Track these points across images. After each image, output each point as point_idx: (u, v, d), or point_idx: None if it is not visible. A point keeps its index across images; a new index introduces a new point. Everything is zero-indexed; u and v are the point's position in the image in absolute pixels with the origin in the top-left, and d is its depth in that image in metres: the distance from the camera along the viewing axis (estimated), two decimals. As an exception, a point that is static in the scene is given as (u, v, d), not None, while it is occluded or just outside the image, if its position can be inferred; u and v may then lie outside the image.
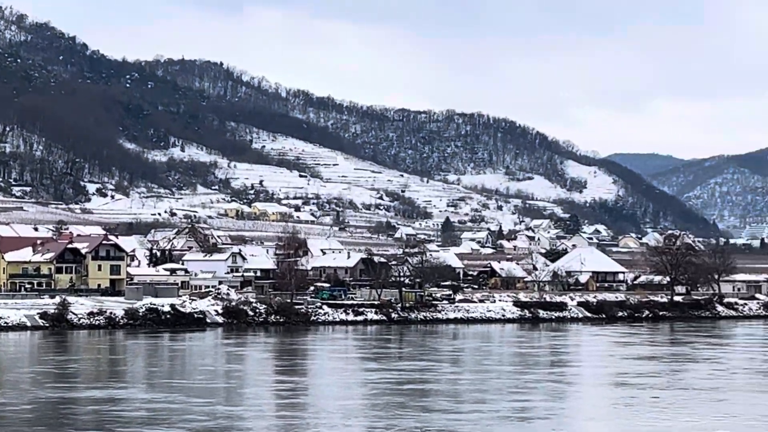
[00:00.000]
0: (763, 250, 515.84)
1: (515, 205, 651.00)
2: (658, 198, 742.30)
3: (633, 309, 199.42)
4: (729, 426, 61.04)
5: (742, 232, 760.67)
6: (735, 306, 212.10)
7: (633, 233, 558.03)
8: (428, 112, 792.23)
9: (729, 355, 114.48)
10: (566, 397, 75.24)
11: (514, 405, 69.62)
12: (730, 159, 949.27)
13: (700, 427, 61.05)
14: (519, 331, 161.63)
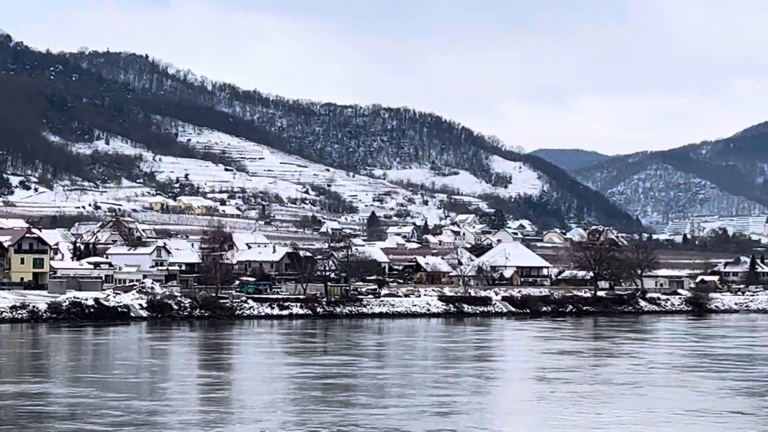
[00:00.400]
0: (685, 245, 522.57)
1: (441, 200, 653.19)
2: (583, 193, 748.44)
3: (557, 304, 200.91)
4: (645, 421, 61.29)
5: (664, 228, 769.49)
6: (657, 301, 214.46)
7: (557, 228, 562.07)
8: (355, 106, 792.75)
9: (649, 350, 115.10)
10: (485, 392, 75.23)
11: (433, 400, 69.32)
12: (653, 155, 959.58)
13: (616, 422, 61.23)
14: (443, 325, 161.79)
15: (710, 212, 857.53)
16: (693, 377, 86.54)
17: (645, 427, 59.96)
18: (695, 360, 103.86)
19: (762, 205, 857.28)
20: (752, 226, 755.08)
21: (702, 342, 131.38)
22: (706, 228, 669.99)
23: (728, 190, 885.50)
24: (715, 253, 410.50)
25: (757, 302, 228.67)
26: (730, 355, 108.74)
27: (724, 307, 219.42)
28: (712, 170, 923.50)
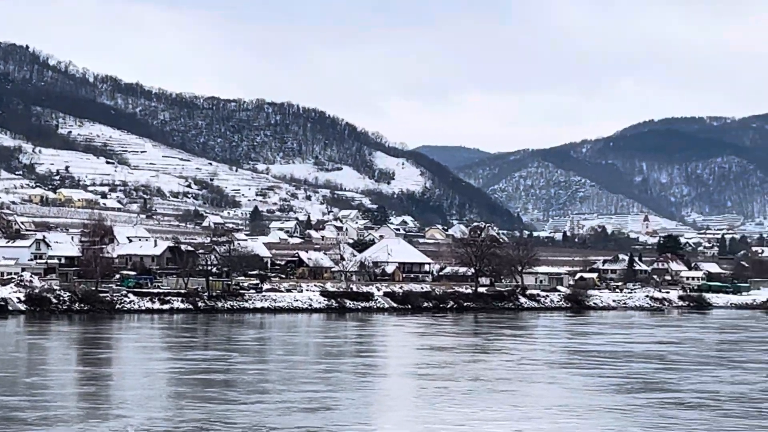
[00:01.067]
0: (565, 243, 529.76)
1: (324, 196, 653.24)
2: (465, 190, 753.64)
3: (438, 300, 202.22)
4: (514, 417, 61.75)
5: (545, 225, 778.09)
6: (537, 298, 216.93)
7: (439, 225, 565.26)
8: (238, 100, 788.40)
9: (523, 347, 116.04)
10: (356, 388, 74.76)
11: (302, 395, 69.13)
12: (534, 153, 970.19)
13: (485, 418, 61.42)
14: (324, 321, 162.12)
15: (590, 210, 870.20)
16: (563, 374, 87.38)
17: (513, 423, 60.37)
18: (567, 356, 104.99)
19: (640, 203, 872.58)
20: (631, 224, 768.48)
21: (575, 339, 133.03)
22: (585, 226, 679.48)
23: (608, 188, 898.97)
24: (594, 251, 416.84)
25: (634, 300, 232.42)
26: (601, 351, 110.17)
27: (603, 304, 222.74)
28: (592, 168, 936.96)
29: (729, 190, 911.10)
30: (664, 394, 73.70)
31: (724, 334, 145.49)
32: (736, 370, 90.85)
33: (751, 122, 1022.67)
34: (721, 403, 68.89)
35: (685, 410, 65.54)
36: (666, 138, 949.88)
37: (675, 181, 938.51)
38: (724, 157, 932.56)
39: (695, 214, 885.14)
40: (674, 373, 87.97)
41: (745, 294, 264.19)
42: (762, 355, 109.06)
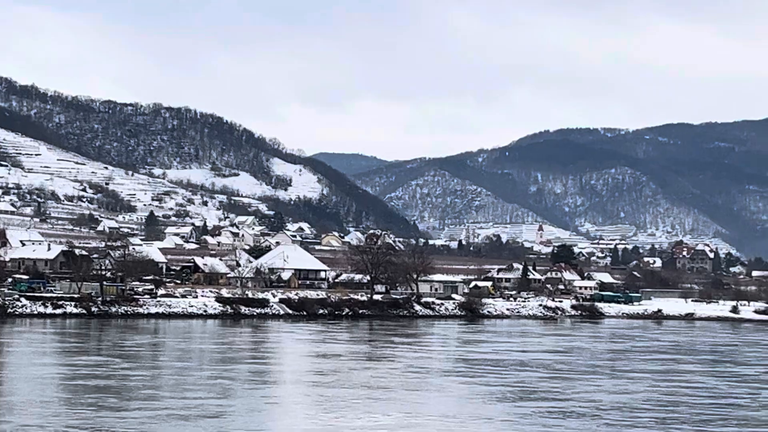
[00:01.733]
0: (460, 251, 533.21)
1: (221, 201, 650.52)
2: (362, 198, 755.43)
3: (334, 307, 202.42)
4: (393, 425, 61.30)
5: (441, 233, 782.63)
6: (432, 306, 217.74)
7: (336, 232, 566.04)
8: (135, 104, 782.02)
9: (413, 354, 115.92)
10: (237, 395, 73.95)
11: (183, 402, 68.27)
12: (431, 161, 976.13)
13: (364, 426, 61.01)
14: (219, 327, 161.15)
15: (485, 219, 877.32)
16: (449, 382, 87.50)
17: (395, 431, 60.34)
18: (455, 365, 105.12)
19: (535, 213, 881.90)
20: (525, 233, 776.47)
21: (465, 347, 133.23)
22: (481, 234, 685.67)
23: (503, 197, 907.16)
24: (489, 260, 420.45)
25: (528, 308, 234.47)
26: (490, 360, 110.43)
27: (497, 312, 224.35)
28: (488, 178, 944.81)
29: (622, 201, 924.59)
30: (548, 403, 74.02)
31: (611, 344, 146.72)
32: (620, 380, 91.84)
33: (645, 134, 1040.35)
34: (602, 412, 69.43)
35: (568, 419, 65.93)
36: (561, 148, 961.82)
37: (569, 191, 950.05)
38: (617, 168, 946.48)
39: (589, 225, 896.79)
40: (559, 382, 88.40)
41: (637, 304, 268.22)
42: (646, 364, 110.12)
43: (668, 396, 79.19)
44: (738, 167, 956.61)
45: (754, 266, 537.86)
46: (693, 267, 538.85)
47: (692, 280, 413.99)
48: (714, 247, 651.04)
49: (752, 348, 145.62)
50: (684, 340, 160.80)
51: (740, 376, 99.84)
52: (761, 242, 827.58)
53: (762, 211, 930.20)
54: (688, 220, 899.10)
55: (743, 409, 72.92)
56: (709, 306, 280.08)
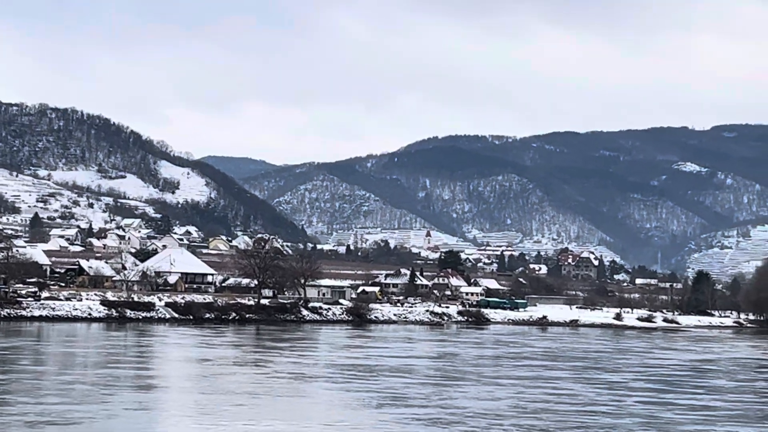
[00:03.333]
0: (348, 256, 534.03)
1: (107, 204, 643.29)
2: (250, 202, 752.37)
3: (220, 311, 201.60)
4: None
5: (329, 238, 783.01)
6: (320, 311, 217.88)
7: (224, 236, 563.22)
8: (20, 105, 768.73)
9: (289, 360, 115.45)
10: (92, 400, 72.20)
11: (38, 408, 66.81)
12: (320, 166, 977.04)
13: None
14: (103, 330, 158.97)
15: (374, 224, 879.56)
16: (314, 387, 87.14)
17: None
18: (326, 370, 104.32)
19: (423, 218, 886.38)
20: (413, 239, 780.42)
21: (341, 352, 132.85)
22: (369, 240, 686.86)
23: (391, 203, 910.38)
24: (377, 265, 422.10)
25: (415, 314, 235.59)
26: (362, 365, 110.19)
27: (384, 317, 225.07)
28: (376, 183, 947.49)
29: (509, 208, 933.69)
30: (414, 409, 73.65)
31: (485, 350, 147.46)
32: (488, 386, 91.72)
33: (532, 142, 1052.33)
34: (467, 419, 69.17)
35: (432, 426, 65.70)
36: (449, 155, 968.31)
37: (457, 197, 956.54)
38: (504, 175, 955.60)
39: (476, 231, 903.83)
40: (428, 388, 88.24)
41: (523, 310, 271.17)
42: (516, 371, 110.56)
43: (533, 403, 79.22)
44: (623, 176, 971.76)
45: (637, 274, 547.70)
46: (578, 274, 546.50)
47: (577, 287, 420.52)
48: (599, 254, 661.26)
49: (624, 355, 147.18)
50: (558, 347, 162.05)
51: (608, 383, 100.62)
52: (645, 250, 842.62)
53: (646, 219, 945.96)
54: (574, 228, 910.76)
55: (607, 416, 73.35)
56: (593, 313, 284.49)
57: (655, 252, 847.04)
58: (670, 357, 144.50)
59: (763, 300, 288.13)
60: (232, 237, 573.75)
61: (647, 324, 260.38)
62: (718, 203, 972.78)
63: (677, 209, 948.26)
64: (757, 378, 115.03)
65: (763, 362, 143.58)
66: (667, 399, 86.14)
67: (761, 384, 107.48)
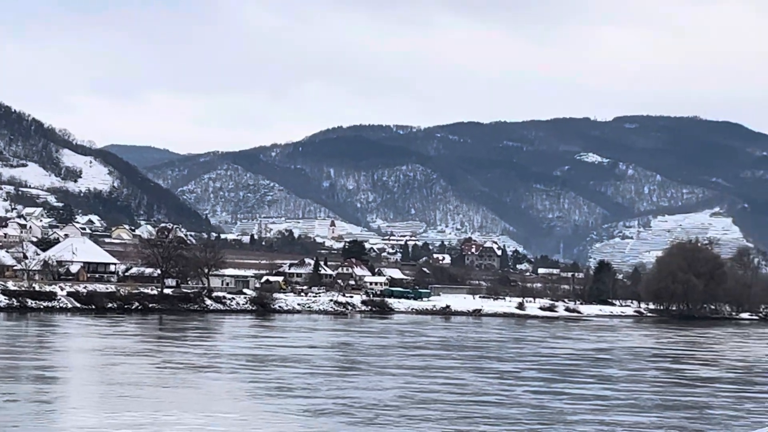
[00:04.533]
0: (253, 246, 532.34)
1: (8, 192, 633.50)
2: (153, 191, 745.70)
3: (123, 300, 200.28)
4: (127, 424, 59.62)
5: (233, 228, 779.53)
6: (223, 300, 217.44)
7: (127, 225, 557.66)
8: None
9: (182, 350, 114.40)
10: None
11: None
12: (224, 155, 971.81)
13: (92, 426, 58.77)
14: (3, 320, 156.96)
15: (278, 214, 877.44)
16: (201, 378, 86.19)
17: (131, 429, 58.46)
18: (215, 360, 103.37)
19: (327, 208, 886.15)
20: (317, 228, 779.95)
21: (235, 342, 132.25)
22: (273, 229, 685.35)
23: (296, 192, 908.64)
24: (281, 255, 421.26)
25: (319, 303, 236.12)
26: (253, 355, 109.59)
27: (288, 307, 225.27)
28: (281, 173, 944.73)
29: (413, 198, 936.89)
30: (301, 400, 73.01)
31: (381, 339, 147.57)
32: (378, 376, 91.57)
33: (436, 132, 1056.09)
34: (354, 410, 68.70)
35: (318, 417, 65.18)
36: (354, 145, 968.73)
37: (361, 187, 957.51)
38: (409, 165, 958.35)
39: (380, 221, 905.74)
40: (317, 378, 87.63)
41: (426, 300, 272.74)
42: (408, 360, 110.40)
43: (421, 393, 78.81)
44: (526, 166, 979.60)
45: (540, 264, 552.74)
46: (481, 264, 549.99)
47: (480, 277, 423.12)
48: (502, 244, 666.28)
49: (519, 344, 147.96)
50: (454, 336, 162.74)
51: (499, 372, 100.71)
52: (547, 240, 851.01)
53: (548, 209, 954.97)
54: (477, 218, 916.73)
55: (495, 406, 73.15)
56: (496, 302, 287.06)
57: (558, 242, 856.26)
58: (564, 346, 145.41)
59: (663, 290, 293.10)
60: (135, 226, 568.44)
61: (549, 313, 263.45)
62: (620, 194, 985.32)
63: (579, 199, 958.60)
64: (648, 367, 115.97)
65: (655, 351, 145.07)
66: (557, 388, 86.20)
67: (652, 373, 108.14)
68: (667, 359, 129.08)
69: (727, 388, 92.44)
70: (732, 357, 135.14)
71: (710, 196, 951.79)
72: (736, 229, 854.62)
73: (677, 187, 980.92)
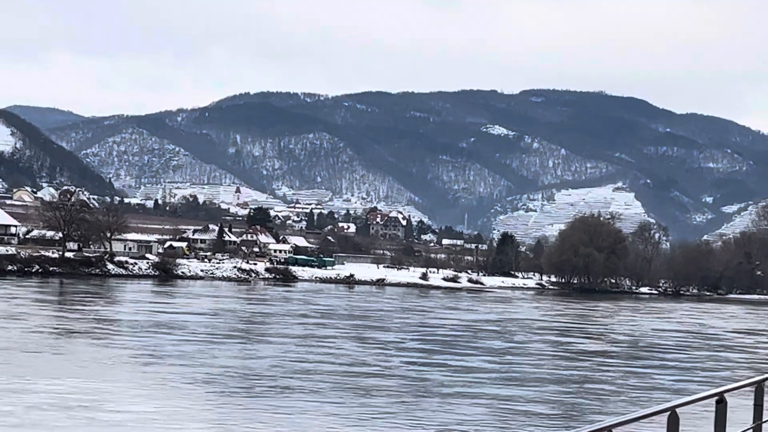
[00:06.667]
0: (156, 210, 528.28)
1: None
2: (56, 153, 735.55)
3: (23, 263, 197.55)
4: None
5: (137, 192, 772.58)
6: (126, 265, 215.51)
7: (28, 187, 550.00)
8: None
9: (59, 314, 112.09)
10: None
11: None
12: (129, 119, 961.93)
13: None
14: None
15: (183, 179, 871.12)
16: (73, 343, 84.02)
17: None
18: (92, 325, 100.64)
19: (232, 174, 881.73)
20: (223, 194, 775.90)
21: (119, 306, 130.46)
22: (178, 195, 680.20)
23: (201, 158, 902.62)
24: (185, 220, 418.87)
25: (222, 270, 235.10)
26: (135, 321, 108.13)
27: (191, 273, 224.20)
28: (186, 138, 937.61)
29: (319, 166, 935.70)
30: (168, 367, 71.18)
31: (265, 307, 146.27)
32: (257, 345, 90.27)
33: (344, 101, 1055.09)
34: (228, 378, 67.35)
35: (183, 385, 63.34)
36: (261, 111, 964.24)
37: (268, 154, 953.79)
38: (316, 133, 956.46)
39: (286, 188, 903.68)
40: (195, 345, 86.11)
41: (330, 268, 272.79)
42: (290, 329, 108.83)
43: (298, 363, 77.25)
44: (432, 137, 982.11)
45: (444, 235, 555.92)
46: (386, 234, 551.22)
47: (385, 247, 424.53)
48: (407, 214, 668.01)
49: (407, 314, 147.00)
50: (343, 305, 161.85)
51: (382, 342, 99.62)
52: (452, 211, 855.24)
53: (454, 180, 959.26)
54: (383, 188, 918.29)
55: (371, 377, 71.88)
56: (400, 272, 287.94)
57: (462, 213, 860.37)
58: (453, 317, 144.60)
59: (565, 263, 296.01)
60: (37, 188, 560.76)
61: (452, 284, 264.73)
62: (525, 167, 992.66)
63: (485, 171, 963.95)
64: (534, 339, 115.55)
65: (544, 324, 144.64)
66: (437, 360, 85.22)
67: (537, 346, 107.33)
68: (554, 332, 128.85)
69: (611, 362, 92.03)
70: (619, 331, 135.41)
71: (613, 171, 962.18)
72: (638, 204, 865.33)
73: (581, 162, 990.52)
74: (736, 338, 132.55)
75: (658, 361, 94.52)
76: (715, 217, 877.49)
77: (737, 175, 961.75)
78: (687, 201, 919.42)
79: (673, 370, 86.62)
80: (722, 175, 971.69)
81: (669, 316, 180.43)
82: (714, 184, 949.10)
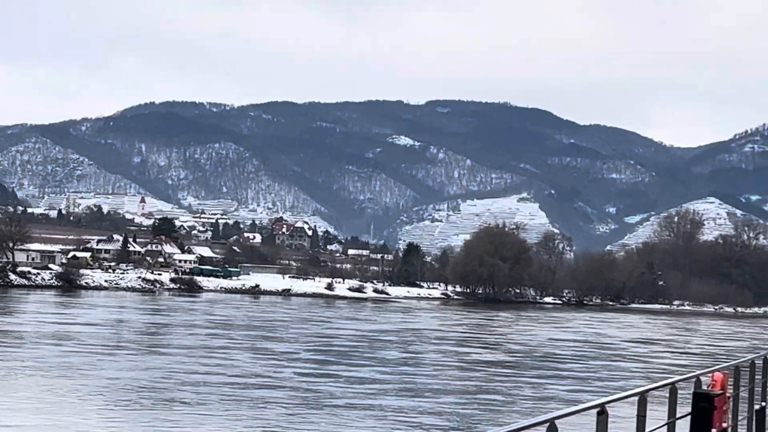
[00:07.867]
0: (60, 220, 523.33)
1: None
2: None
3: None
4: None
5: (40, 202, 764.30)
6: (28, 275, 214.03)
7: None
8: None
9: None
10: None
11: None
12: (32, 128, 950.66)
13: None
14: None
15: (87, 189, 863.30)
16: None
17: None
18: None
19: (138, 184, 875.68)
20: (127, 204, 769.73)
21: (11, 318, 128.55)
22: (82, 204, 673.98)
23: (106, 168, 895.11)
24: (89, 230, 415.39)
25: (126, 280, 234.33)
26: (21, 332, 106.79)
27: (95, 283, 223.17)
28: (91, 147, 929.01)
29: (225, 176, 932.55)
30: (53, 380, 69.70)
31: (161, 317, 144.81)
32: (146, 356, 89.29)
33: (250, 111, 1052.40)
34: (112, 393, 65.81)
35: (65, 397, 62.12)
36: (166, 121, 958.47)
37: (173, 164, 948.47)
38: (222, 143, 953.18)
39: (191, 198, 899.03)
40: (79, 357, 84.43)
41: (236, 278, 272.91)
42: (183, 339, 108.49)
43: (187, 374, 76.31)
44: (339, 147, 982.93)
45: (350, 245, 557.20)
46: (292, 244, 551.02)
47: (291, 257, 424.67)
48: (313, 224, 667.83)
49: (304, 324, 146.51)
50: (239, 315, 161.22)
51: (275, 353, 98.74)
52: (358, 221, 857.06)
53: (360, 191, 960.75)
54: (289, 198, 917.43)
55: (261, 388, 71.16)
56: (305, 282, 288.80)
57: (368, 223, 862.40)
58: (350, 327, 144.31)
59: (470, 273, 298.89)
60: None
61: (358, 294, 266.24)
62: (430, 177, 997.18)
63: (390, 182, 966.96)
64: (429, 350, 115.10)
65: (441, 334, 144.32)
66: (331, 371, 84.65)
67: (432, 356, 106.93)
68: (450, 342, 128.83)
69: (506, 372, 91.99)
70: (516, 341, 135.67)
71: (518, 181, 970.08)
72: (543, 214, 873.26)
73: (486, 172, 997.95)
74: (631, 347, 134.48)
75: (552, 371, 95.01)
76: (618, 228, 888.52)
77: (640, 186, 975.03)
78: (591, 211, 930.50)
79: (567, 380, 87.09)
80: (625, 186, 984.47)
81: (567, 326, 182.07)
82: (617, 195, 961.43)
